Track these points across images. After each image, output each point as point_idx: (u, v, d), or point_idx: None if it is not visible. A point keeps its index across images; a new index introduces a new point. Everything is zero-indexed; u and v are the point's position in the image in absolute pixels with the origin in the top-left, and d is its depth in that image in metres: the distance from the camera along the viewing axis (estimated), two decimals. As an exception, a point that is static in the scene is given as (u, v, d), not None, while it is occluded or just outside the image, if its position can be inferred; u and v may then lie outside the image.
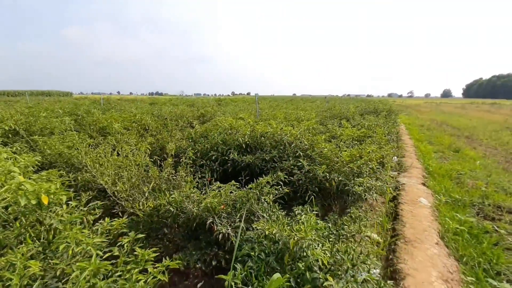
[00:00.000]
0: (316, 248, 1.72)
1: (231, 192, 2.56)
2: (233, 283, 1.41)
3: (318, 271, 1.60)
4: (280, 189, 2.72)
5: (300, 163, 3.68)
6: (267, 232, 1.88)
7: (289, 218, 2.26)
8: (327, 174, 3.34)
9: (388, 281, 2.29)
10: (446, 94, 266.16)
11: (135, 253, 1.50)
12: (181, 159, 3.49)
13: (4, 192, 1.42)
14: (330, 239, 2.14)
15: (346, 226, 2.33)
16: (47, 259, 1.36)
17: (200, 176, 3.38)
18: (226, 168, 4.07)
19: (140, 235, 1.66)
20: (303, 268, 1.60)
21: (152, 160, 3.51)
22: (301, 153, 4.01)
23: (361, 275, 1.72)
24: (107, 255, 1.49)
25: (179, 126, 7.51)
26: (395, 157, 6.93)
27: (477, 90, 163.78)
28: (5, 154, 1.82)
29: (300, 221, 2.06)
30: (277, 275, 1.31)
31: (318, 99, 38.25)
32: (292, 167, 3.73)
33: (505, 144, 9.53)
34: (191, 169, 3.38)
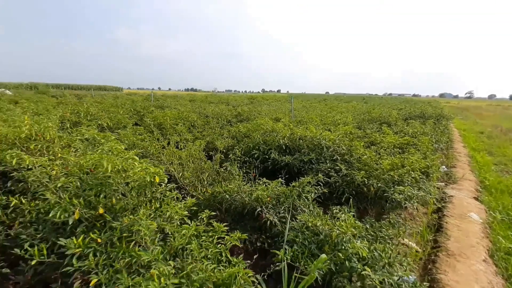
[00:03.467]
0: (356, 242, 1.91)
1: (275, 188, 2.87)
2: (285, 258, 1.72)
3: (357, 262, 1.80)
4: (320, 189, 2.94)
5: (337, 167, 3.84)
6: (309, 224, 2.14)
7: (327, 215, 2.48)
8: (366, 180, 3.44)
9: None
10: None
11: (212, 225, 1.92)
12: (229, 156, 3.90)
13: (133, 173, 1.98)
14: (367, 239, 2.30)
15: (384, 230, 2.45)
16: (156, 220, 1.84)
17: (245, 171, 3.74)
18: (266, 166, 4.44)
19: (213, 213, 2.09)
20: (342, 257, 1.83)
21: (207, 155, 4.00)
22: (338, 157, 4.16)
23: (397, 274, 1.86)
24: (193, 226, 1.92)
25: (220, 124, 8.08)
26: (444, 167, 6.52)
27: None
28: (122, 146, 2.41)
29: (340, 218, 2.27)
30: (324, 256, 1.55)
31: (354, 99, 36.28)
32: (329, 169, 3.93)
33: None
34: (238, 165, 3.76)
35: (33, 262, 1.73)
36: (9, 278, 2.20)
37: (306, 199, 2.72)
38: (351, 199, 3.26)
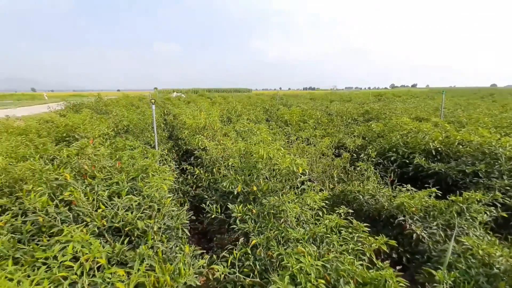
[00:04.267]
0: None
1: (424, 198, 2.47)
2: (444, 281, 1.47)
3: None
4: (495, 211, 2.25)
5: (527, 186, 2.76)
6: (479, 251, 1.68)
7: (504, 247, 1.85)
8: None
9: None
10: None
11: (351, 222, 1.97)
12: (360, 155, 3.68)
13: (282, 161, 2.37)
14: None
15: None
16: (299, 203, 2.15)
17: (379, 174, 3.42)
18: (405, 171, 3.88)
19: (350, 210, 2.10)
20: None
21: (336, 153, 3.98)
22: (528, 174, 2.97)
23: None
24: (335, 218, 2.03)
25: (344, 122, 7.73)
26: None
27: None
28: (270, 137, 2.93)
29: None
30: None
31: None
32: (508, 188, 2.92)
33: None
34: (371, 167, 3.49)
35: (213, 216, 2.37)
36: (187, 224, 3.12)
37: (471, 220, 2.15)
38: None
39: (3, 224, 1.76)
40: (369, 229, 2.66)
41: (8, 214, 1.84)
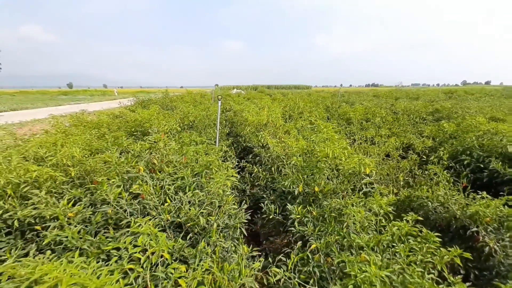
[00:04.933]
0: None
1: (498, 207, 2.30)
2: None
3: None
4: None
5: None
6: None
7: None
8: None
9: None
10: None
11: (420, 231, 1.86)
12: (430, 158, 3.31)
13: (346, 163, 2.29)
14: None
15: None
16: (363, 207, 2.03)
17: (452, 180, 3.04)
18: (478, 177, 3.60)
19: (420, 218, 2.05)
20: None
21: (402, 155, 3.65)
22: None
23: None
24: (405, 226, 1.88)
25: (411, 121, 7.12)
26: None
27: None
28: (337, 136, 2.80)
29: None
30: None
31: None
32: None
33: None
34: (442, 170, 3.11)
35: (270, 217, 2.34)
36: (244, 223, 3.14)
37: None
38: None
39: (73, 214, 1.77)
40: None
41: (80, 205, 1.87)
